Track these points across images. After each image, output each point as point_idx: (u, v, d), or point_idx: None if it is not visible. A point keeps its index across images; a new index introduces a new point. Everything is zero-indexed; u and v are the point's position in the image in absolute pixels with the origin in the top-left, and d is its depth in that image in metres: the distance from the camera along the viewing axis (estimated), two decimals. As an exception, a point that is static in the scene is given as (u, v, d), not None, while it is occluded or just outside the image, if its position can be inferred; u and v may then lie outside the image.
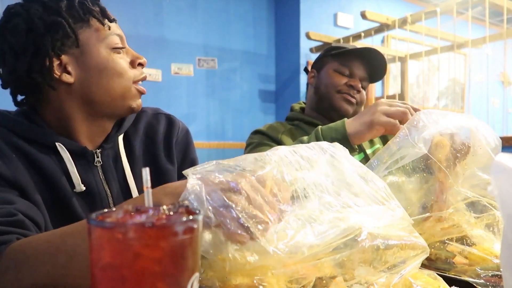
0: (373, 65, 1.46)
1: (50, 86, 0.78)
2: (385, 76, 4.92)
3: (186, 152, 0.96)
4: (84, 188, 0.80)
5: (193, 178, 0.47)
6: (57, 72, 0.77)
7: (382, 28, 3.57)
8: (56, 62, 0.77)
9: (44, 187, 0.76)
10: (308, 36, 3.89)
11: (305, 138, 1.10)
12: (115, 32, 0.83)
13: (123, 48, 0.84)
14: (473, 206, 0.77)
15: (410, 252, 0.55)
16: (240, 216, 0.45)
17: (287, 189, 0.52)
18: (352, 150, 1.01)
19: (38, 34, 0.75)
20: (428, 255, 0.58)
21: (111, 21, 0.83)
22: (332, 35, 4.10)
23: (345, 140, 0.99)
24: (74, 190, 0.79)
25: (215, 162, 0.52)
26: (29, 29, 0.75)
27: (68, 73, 0.78)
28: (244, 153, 1.14)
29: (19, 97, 0.84)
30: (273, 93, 4.48)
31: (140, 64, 0.87)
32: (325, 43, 3.86)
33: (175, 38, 3.92)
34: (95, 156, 0.83)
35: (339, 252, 0.50)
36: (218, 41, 4.17)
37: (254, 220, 0.45)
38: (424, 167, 0.77)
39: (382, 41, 4.71)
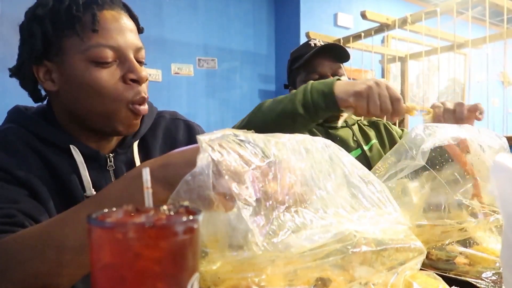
0: (336, 52, 1.43)
1: (33, 92, 0.80)
2: (385, 76, 4.94)
3: None
4: (94, 193, 0.79)
5: (204, 155, 0.46)
6: (42, 78, 0.77)
7: (382, 28, 3.56)
8: (42, 69, 0.76)
9: (56, 189, 0.76)
10: (308, 36, 3.88)
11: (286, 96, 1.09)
12: (104, 43, 0.72)
13: (108, 63, 0.73)
14: (476, 215, 0.78)
15: (407, 254, 0.56)
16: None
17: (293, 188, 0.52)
18: (334, 109, 1.00)
19: (24, 39, 0.77)
20: (425, 256, 0.59)
21: (94, 31, 0.72)
22: (332, 35, 4.10)
23: (330, 95, 0.98)
24: (85, 194, 0.78)
25: (227, 132, 0.51)
26: (21, 34, 0.78)
27: (52, 81, 0.76)
28: None
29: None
30: (273, 93, 4.48)
31: (134, 80, 0.74)
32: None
33: (175, 38, 3.92)
34: (108, 161, 0.82)
35: (333, 255, 0.50)
36: (218, 41, 4.17)
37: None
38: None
39: (382, 41, 4.71)
